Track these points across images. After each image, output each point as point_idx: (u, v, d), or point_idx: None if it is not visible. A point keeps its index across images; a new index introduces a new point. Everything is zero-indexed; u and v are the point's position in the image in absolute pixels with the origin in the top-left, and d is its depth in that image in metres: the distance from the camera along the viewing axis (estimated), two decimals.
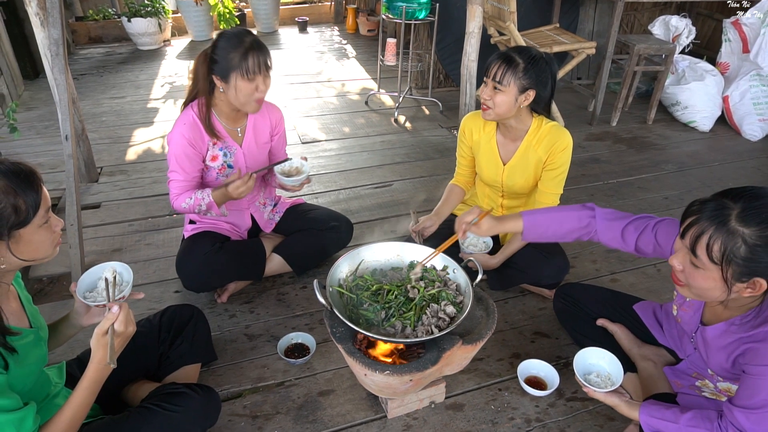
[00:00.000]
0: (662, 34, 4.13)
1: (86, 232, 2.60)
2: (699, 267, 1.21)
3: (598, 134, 3.90)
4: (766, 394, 1.22)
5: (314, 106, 4.25)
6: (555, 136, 1.98)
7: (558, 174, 2.01)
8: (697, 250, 1.19)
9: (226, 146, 2.02)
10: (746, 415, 1.25)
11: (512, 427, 1.71)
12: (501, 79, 1.85)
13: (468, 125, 2.16)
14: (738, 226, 1.14)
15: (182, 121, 1.93)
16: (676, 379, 1.63)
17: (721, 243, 1.15)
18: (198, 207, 1.94)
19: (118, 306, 1.25)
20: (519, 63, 1.84)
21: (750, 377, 1.26)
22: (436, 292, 1.61)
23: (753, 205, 1.15)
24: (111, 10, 5.80)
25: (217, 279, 2.11)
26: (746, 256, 1.14)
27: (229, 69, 1.80)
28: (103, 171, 3.19)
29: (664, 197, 3.11)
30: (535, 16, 4.25)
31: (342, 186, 3.11)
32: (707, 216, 1.18)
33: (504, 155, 2.10)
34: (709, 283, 1.22)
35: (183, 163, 1.94)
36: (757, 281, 1.17)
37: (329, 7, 6.85)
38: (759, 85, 3.77)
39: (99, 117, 3.93)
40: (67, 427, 1.22)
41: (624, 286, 2.36)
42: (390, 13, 3.81)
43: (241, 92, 1.84)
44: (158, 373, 1.71)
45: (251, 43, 1.81)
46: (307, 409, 1.75)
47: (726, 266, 1.17)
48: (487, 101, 1.92)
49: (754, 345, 1.26)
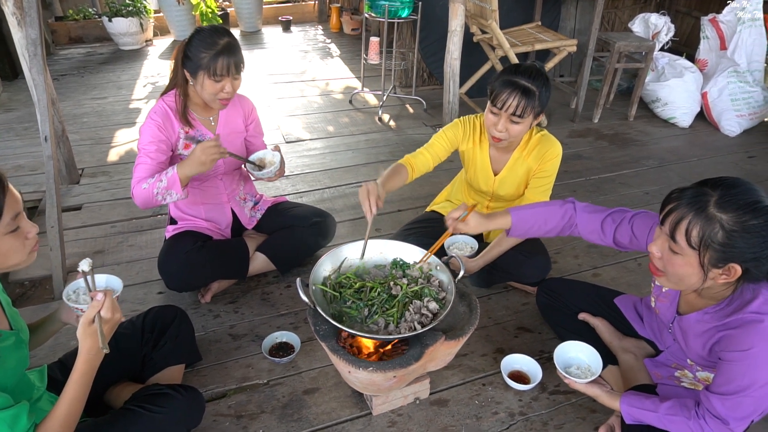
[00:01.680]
0: (642, 32, 4.18)
1: (67, 234, 2.58)
2: (677, 253, 1.24)
3: (580, 131, 3.94)
4: (741, 380, 1.25)
5: (298, 106, 4.25)
6: (545, 145, 2.00)
7: (545, 183, 2.03)
8: (677, 235, 1.22)
9: (199, 134, 2.03)
10: (722, 401, 1.28)
11: (496, 422, 1.73)
12: (522, 113, 1.79)
13: (467, 128, 2.09)
14: (716, 212, 1.17)
15: (153, 111, 1.96)
16: (656, 370, 1.66)
17: (700, 228, 1.19)
18: (159, 183, 1.81)
19: (102, 293, 1.24)
20: (535, 92, 1.78)
21: (725, 364, 1.29)
22: (419, 288, 1.63)
23: (731, 192, 1.18)
24: (91, 10, 5.73)
25: (200, 278, 2.10)
26: (723, 242, 1.17)
27: (199, 67, 1.83)
28: (85, 172, 3.16)
29: (644, 192, 3.16)
30: (517, 14, 4.28)
31: (326, 185, 3.12)
32: (686, 202, 1.21)
33: (495, 166, 2.11)
34: (687, 269, 1.25)
35: (150, 148, 1.90)
36: (732, 267, 1.20)
37: (313, 6, 6.83)
38: (736, 81, 3.83)
39: (80, 118, 3.89)
40: (64, 422, 1.21)
41: (605, 281, 2.40)
42: (373, 12, 3.81)
43: (207, 91, 1.88)
44: (142, 375, 1.70)
45: (223, 46, 1.82)
46: (292, 408, 1.75)
47: (704, 251, 1.20)
48: (501, 133, 1.86)
49: (729, 332, 1.30)
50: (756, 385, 1.24)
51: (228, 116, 2.11)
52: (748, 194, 1.18)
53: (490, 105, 1.86)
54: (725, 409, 1.28)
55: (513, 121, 1.83)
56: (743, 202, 1.17)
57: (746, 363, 1.24)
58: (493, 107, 1.84)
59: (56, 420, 1.20)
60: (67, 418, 1.21)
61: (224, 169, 2.14)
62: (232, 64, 1.84)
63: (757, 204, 1.17)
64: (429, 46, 4.29)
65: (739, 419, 1.28)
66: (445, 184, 2.57)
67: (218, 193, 2.18)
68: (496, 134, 1.88)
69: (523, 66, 1.83)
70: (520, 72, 1.80)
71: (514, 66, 1.85)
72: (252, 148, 2.21)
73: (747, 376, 1.24)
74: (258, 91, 4.51)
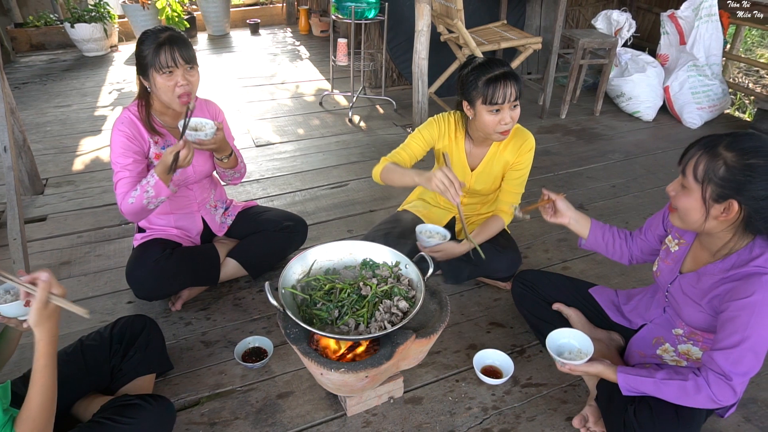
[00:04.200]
0: (605, 28, 4.27)
1: (32, 246, 2.52)
2: (686, 187, 1.36)
3: (548, 127, 4.01)
4: (743, 330, 1.32)
5: (268, 109, 4.22)
6: (521, 138, 2.06)
7: (523, 174, 2.10)
8: (686, 170, 1.35)
9: (168, 144, 2.00)
10: (726, 356, 1.34)
11: (470, 417, 1.75)
12: (519, 94, 1.87)
13: (442, 126, 2.10)
14: (722, 151, 1.30)
15: (119, 121, 1.92)
16: (639, 349, 1.71)
17: (705, 163, 1.31)
18: (146, 194, 1.81)
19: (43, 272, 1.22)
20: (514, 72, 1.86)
21: (727, 315, 1.35)
22: (389, 288, 1.63)
23: (740, 137, 1.31)
24: (53, 16, 5.60)
25: (170, 286, 2.07)
26: (723, 176, 1.28)
27: (147, 66, 1.81)
28: (49, 182, 3.09)
29: (611, 185, 3.22)
30: (483, 13, 4.33)
31: (297, 188, 3.11)
32: (702, 144, 1.34)
33: (471, 162, 2.13)
34: (692, 203, 1.35)
35: (126, 161, 1.88)
36: (731, 203, 1.30)
37: (281, 8, 6.80)
38: (696, 75, 3.94)
39: (43, 127, 3.80)
40: (41, 410, 1.19)
41: (575, 273, 2.44)
42: (340, 14, 3.81)
43: (161, 89, 1.83)
44: (111, 387, 1.67)
45: (165, 38, 1.79)
46: (266, 413, 1.74)
47: (706, 185, 1.31)
48: (508, 125, 1.90)
49: (733, 284, 1.37)
50: (756, 334, 1.31)
51: None
52: (755, 141, 1.30)
53: (489, 107, 1.86)
54: (729, 364, 1.34)
55: (514, 107, 1.89)
56: (749, 145, 1.29)
57: (747, 311, 1.31)
58: (493, 107, 1.86)
59: (32, 410, 1.18)
60: (42, 406, 1.20)
61: (195, 178, 2.11)
62: (177, 54, 1.78)
63: (761, 148, 1.28)
64: (397, 46, 4.31)
65: (741, 374, 1.34)
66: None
67: (189, 203, 2.16)
68: (503, 128, 1.91)
69: (486, 61, 1.90)
70: (491, 66, 1.86)
71: (479, 65, 1.89)
72: None
73: (749, 325, 1.31)
74: (227, 95, 4.47)
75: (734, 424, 1.73)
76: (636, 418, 1.49)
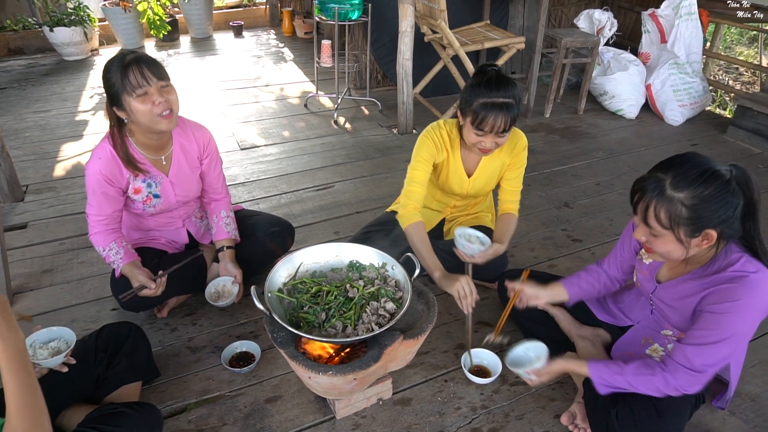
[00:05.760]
0: (587, 28, 4.31)
1: (12, 254, 2.47)
2: (656, 235, 1.36)
3: (532, 126, 4.03)
4: (722, 330, 1.35)
5: (253, 112, 4.19)
6: (514, 138, 2.05)
7: (520, 173, 2.11)
8: (649, 221, 1.35)
9: (149, 177, 1.92)
10: (698, 351, 1.37)
11: (459, 417, 1.75)
12: (510, 127, 1.80)
13: (437, 143, 2.02)
14: (674, 193, 1.30)
15: (98, 155, 1.82)
16: (628, 350, 1.72)
17: (665, 210, 1.31)
18: (112, 257, 1.91)
19: None
20: (514, 103, 1.78)
21: (710, 315, 1.37)
22: (376, 289, 1.63)
23: (680, 171, 1.30)
24: (31, 20, 5.51)
25: (156, 297, 2.03)
26: (689, 216, 1.29)
27: (118, 94, 1.69)
28: (29, 189, 3.04)
29: (596, 183, 3.25)
30: (466, 13, 4.34)
31: (283, 190, 3.09)
32: (647, 190, 1.34)
33: (468, 168, 2.10)
34: (669, 246, 1.36)
35: (100, 202, 1.86)
36: (708, 233, 1.32)
37: (264, 10, 6.76)
38: (677, 73, 3.99)
39: (22, 132, 3.74)
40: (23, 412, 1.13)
41: (561, 271, 2.46)
42: (323, 15, 3.80)
43: (139, 113, 1.71)
44: (96, 396, 1.65)
45: (130, 60, 1.67)
46: (255, 418, 1.73)
47: (676, 228, 1.32)
48: (489, 151, 1.88)
49: (716, 288, 1.39)
50: (736, 335, 1.34)
51: (182, 152, 1.99)
52: (696, 168, 1.30)
53: (475, 129, 1.81)
54: (699, 359, 1.37)
55: (500, 137, 1.82)
56: (692, 177, 1.28)
57: (732, 314, 1.33)
58: (479, 131, 1.80)
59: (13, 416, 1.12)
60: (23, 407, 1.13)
61: (177, 206, 2.08)
62: (146, 71, 1.68)
63: (705, 174, 1.28)
64: (381, 47, 4.31)
65: (710, 367, 1.38)
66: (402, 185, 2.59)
67: (172, 221, 2.14)
68: (483, 148, 1.87)
69: (493, 79, 1.78)
70: (493, 89, 1.76)
71: (485, 84, 1.78)
72: (207, 179, 2.11)
73: (730, 326, 1.34)
74: (211, 98, 4.43)
75: (719, 418, 1.75)
76: (618, 421, 1.51)
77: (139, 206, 1.97)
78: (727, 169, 1.30)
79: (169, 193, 2.00)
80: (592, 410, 1.61)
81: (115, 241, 1.91)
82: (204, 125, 2.08)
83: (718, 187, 1.28)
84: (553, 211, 2.94)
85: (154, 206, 1.99)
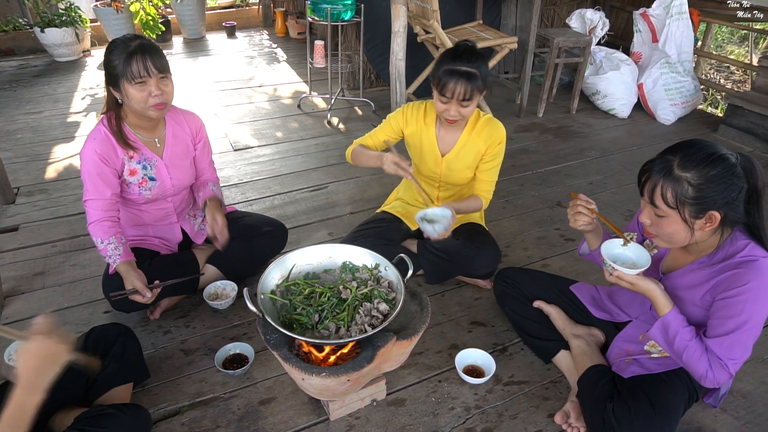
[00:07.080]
0: (579, 27, 4.32)
1: (3, 257, 2.46)
2: (662, 216, 1.38)
3: (526, 125, 4.04)
4: (738, 316, 1.35)
5: (246, 113, 4.18)
6: (493, 128, 2.10)
7: (496, 164, 2.15)
8: (656, 200, 1.37)
9: (144, 158, 1.96)
10: (720, 343, 1.38)
11: (453, 417, 1.75)
12: (470, 96, 1.88)
13: (408, 113, 2.16)
14: (681, 173, 1.33)
15: (92, 137, 1.86)
16: (626, 346, 1.73)
17: (672, 189, 1.34)
18: (109, 251, 1.87)
19: None
20: (477, 74, 1.85)
21: (723, 303, 1.38)
22: (369, 290, 1.63)
23: (688, 153, 1.34)
24: (22, 21, 5.47)
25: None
26: (695, 195, 1.32)
27: (118, 77, 1.75)
28: (21, 191, 3.02)
29: (589, 182, 3.26)
30: (459, 13, 4.35)
31: (276, 191, 3.08)
32: (655, 171, 1.37)
33: (442, 147, 2.15)
34: (674, 227, 1.38)
35: (97, 184, 1.86)
36: (712, 214, 1.34)
37: (257, 11, 6.75)
38: (669, 72, 4.01)
39: (13, 134, 3.71)
40: None
41: (554, 270, 2.46)
42: (316, 16, 3.80)
43: (133, 99, 1.77)
44: (87, 399, 1.64)
45: (136, 47, 1.73)
46: (248, 420, 1.72)
47: (682, 208, 1.34)
48: (454, 117, 1.94)
49: (726, 274, 1.40)
50: (752, 320, 1.35)
51: (174, 136, 2.03)
52: (703, 150, 1.33)
53: (438, 95, 1.92)
54: (723, 350, 1.38)
55: (463, 105, 1.91)
56: (700, 158, 1.32)
57: (743, 298, 1.35)
58: (442, 96, 1.90)
59: None
60: None
61: (173, 192, 2.08)
62: (149, 62, 1.73)
63: (712, 156, 1.32)
64: (374, 47, 4.31)
65: (735, 359, 1.38)
66: (395, 185, 2.59)
67: (167, 215, 2.13)
68: (449, 117, 1.96)
69: (459, 49, 1.89)
70: (458, 57, 1.86)
71: (451, 52, 1.90)
72: (199, 166, 2.15)
73: (745, 311, 1.35)
74: (204, 99, 4.42)
75: (710, 415, 1.76)
76: (614, 415, 1.51)
77: (135, 190, 1.97)
78: (732, 155, 1.34)
79: (165, 176, 2.01)
80: (588, 406, 1.62)
81: (116, 236, 1.89)
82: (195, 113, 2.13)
83: (724, 169, 1.31)
84: (546, 210, 2.95)
85: (150, 189, 1.99)
